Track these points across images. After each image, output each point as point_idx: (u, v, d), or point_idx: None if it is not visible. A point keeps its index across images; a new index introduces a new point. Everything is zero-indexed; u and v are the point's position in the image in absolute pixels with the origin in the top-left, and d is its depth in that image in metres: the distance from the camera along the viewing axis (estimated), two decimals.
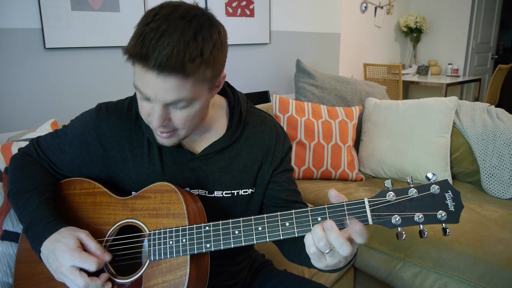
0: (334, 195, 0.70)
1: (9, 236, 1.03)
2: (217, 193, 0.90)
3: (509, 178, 1.76)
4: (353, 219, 0.67)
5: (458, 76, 4.72)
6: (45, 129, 1.32)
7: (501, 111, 1.96)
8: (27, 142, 1.20)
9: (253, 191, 0.93)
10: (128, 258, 0.85)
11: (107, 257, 0.78)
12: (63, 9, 1.93)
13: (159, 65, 0.66)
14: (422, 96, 2.62)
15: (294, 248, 0.89)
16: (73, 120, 0.94)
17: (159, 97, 0.71)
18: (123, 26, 2.14)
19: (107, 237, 0.85)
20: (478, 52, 5.07)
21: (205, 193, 0.90)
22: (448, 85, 4.21)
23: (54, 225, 0.79)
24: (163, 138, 0.80)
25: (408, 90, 5.22)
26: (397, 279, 1.51)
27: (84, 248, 0.77)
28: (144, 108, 0.76)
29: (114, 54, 2.17)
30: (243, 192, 0.92)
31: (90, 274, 0.76)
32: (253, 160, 0.92)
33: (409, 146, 1.94)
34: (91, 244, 0.78)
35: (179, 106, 0.74)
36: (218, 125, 0.91)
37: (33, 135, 1.29)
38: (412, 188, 0.67)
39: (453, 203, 0.66)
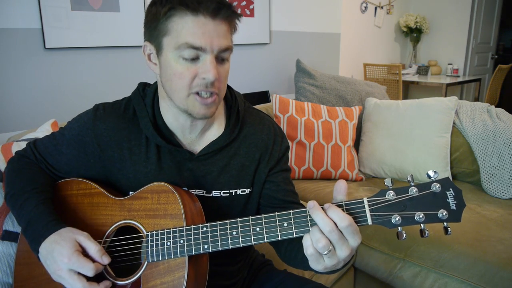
0: (343, 185, 0.67)
1: (9, 236, 1.03)
2: (215, 193, 0.90)
3: (509, 178, 1.76)
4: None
5: (458, 76, 4.72)
6: (45, 129, 1.32)
7: (501, 111, 1.95)
8: (27, 142, 1.21)
9: (251, 190, 0.93)
10: (127, 259, 0.85)
11: (106, 260, 0.77)
12: (63, 9, 1.93)
13: (216, 8, 0.73)
14: (422, 96, 2.62)
15: (291, 249, 0.88)
16: (70, 121, 0.94)
17: (214, 44, 0.75)
18: (123, 26, 2.14)
19: (105, 238, 0.84)
20: (478, 52, 5.06)
21: (203, 192, 0.90)
22: (448, 85, 4.21)
23: (53, 225, 0.79)
24: (206, 106, 0.80)
25: (408, 90, 5.22)
26: (397, 279, 1.51)
27: (83, 250, 0.77)
28: (189, 71, 0.76)
29: (114, 54, 2.17)
30: (241, 191, 0.92)
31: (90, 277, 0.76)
32: (251, 159, 0.92)
33: (409, 146, 1.94)
34: (91, 247, 0.77)
35: (225, 56, 0.79)
36: (216, 124, 0.91)
37: (33, 135, 1.29)
38: (413, 187, 0.65)
39: (455, 202, 0.64)
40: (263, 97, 2.96)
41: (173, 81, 0.78)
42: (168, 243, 0.77)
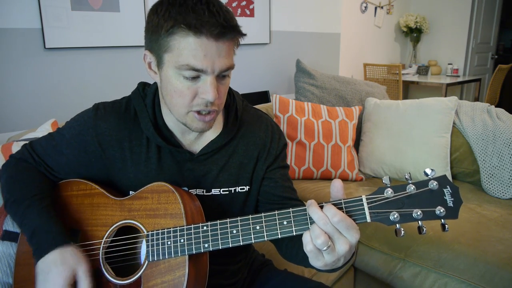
0: (338, 186, 0.69)
1: (9, 236, 1.03)
2: (215, 191, 0.91)
3: (509, 178, 1.76)
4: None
5: (458, 76, 4.72)
6: (45, 129, 1.32)
7: (501, 111, 1.95)
8: (22, 144, 1.20)
9: (250, 188, 0.93)
10: (127, 259, 0.85)
11: None
12: (63, 9, 1.93)
13: (220, 32, 0.71)
14: (422, 96, 2.62)
15: (292, 247, 0.89)
16: (68, 121, 0.93)
17: (216, 65, 0.74)
18: (123, 26, 2.14)
19: (105, 238, 0.84)
20: (478, 52, 5.06)
21: (203, 192, 0.90)
22: (448, 85, 4.21)
23: (58, 240, 0.79)
24: (204, 122, 0.80)
25: (408, 90, 5.22)
26: (397, 279, 1.51)
27: (76, 283, 0.77)
28: (189, 90, 0.76)
29: (114, 54, 2.17)
30: (240, 189, 0.92)
31: None
32: (249, 157, 0.92)
33: (409, 146, 1.94)
34: (83, 285, 0.77)
35: (226, 74, 0.78)
36: (215, 124, 0.91)
37: (33, 135, 1.29)
38: (410, 184, 0.66)
39: (452, 199, 0.65)
40: (263, 97, 2.96)
41: (173, 97, 0.78)
42: (169, 242, 0.77)
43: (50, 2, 1.87)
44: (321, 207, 0.67)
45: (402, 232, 0.67)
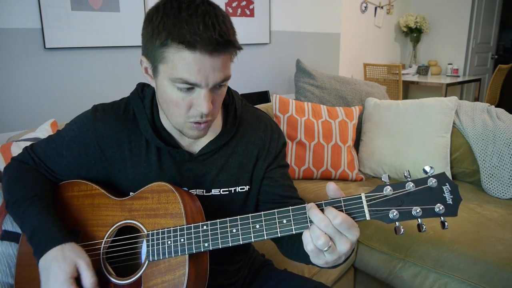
0: (333, 188, 0.69)
1: (9, 236, 1.03)
2: (215, 191, 0.91)
3: (509, 178, 1.76)
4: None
5: (458, 76, 4.72)
6: (44, 129, 1.32)
7: (501, 111, 1.95)
8: (26, 143, 1.20)
9: (250, 187, 0.93)
10: (127, 259, 0.85)
11: None
12: (63, 9, 1.93)
13: (214, 47, 0.69)
14: (422, 96, 2.62)
15: (292, 244, 0.89)
16: (68, 123, 0.93)
17: (210, 79, 0.73)
18: (123, 26, 2.14)
19: (106, 238, 0.84)
20: (478, 52, 5.06)
21: (203, 192, 0.90)
22: (448, 85, 4.21)
23: (58, 237, 0.79)
24: (199, 130, 0.80)
25: (408, 90, 5.22)
26: (397, 279, 1.51)
27: (79, 276, 0.77)
28: (184, 101, 0.75)
29: (114, 54, 2.17)
30: (240, 189, 0.92)
31: None
32: (249, 156, 0.92)
33: (409, 146, 1.94)
34: (86, 277, 0.76)
35: (221, 85, 0.77)
36: (214, 124, 0.91)
37: (33, 135, 1.29)
38: (410, 182, 0.66)
39: (451, 196, 0.66)
40: (263, 97, 2.96)
41: (169, 106, 0.78)
42: (169, 242, 0.77)
43: (50, 2, 1.87)
44: (322, 210, 0.67)
45: (402, 230, 0.67)
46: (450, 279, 1.38)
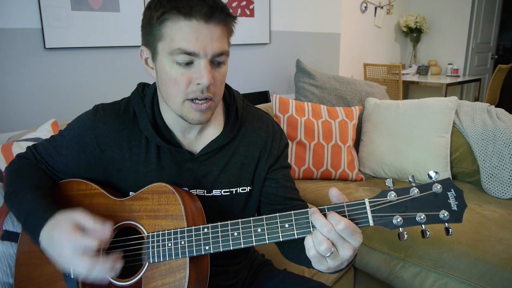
0: (336, 194, 0.68)
1: (9, 236, 1.03)
2: (216, 192, 0.90)
3: (509, 178, 1.76)
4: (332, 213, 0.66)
5: (458, 76, 4.72)
6: (45, 129, 1.32)
7: (501, 111, 1.95)
8: (27, 142, 1.21)
9: (251, 188, 0.93)
10: (127, 260, 0.85)
11: (107, 231, 0.74)
12: (63, 9, 1.93)
13: (208, 12, 0.72)
14: (422, 96, 2.62)
15: (293, 248, 0.88)
16: (70, 123, 0.94)
17: (208, 48, 0.74)
18: (123, 26, 2.14)
19: None
20: (478, 52, 5.06)
21: (204, 192, 0.90)
22: (448, 85, 4.21)
23: (48, 211, 0.78)
24: (201, 112, 0.79)
25: (408, 90, 5.21)
26: (397, 279, 1.51)
27: (82, 227, 0.75)
28: (183, 77, 0.75)
29: (114, 54, 2.17)
30: (241, 190, 0.92)
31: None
32: (251, 157, 0.92)
33: (409, 146, 1.94)
34: (87, 222, 0.75)
35: (221, 60, 0.77)
36: (215, 123, 0.91)
37: (33, 135, 1.29)
38: (414, 188, 0.65)
39: (456, 202, 0.64)
40: (263, 97, 2.96)
41: (168, 86, 0.78)
42: (169, 244, 0.77)
43: (50, 2, 1.87)
44: (324, 215, 0.66)
45: (406, 236, 0.66)
46: (450, 279, 1.38)
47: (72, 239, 0.72)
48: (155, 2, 0.75)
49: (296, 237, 0.70)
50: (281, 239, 0.70)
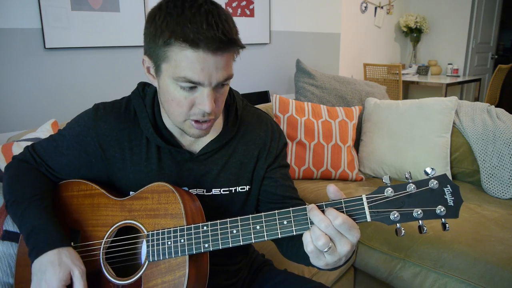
0: (333, 190, 0.69)
1: (10, 236, 1.03)
2: (215, 191, 0.91)
3: (509, 178, 1.76)
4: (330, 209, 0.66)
5: (458, 76, 4.72)
6: (45, 129, 1.32)
7: (501, 111, 1.96)
8: (27, 142, 1.21)
9: (250, 187, 0.93)
10: (127, 259, 0.85)
11: None
12: (63, 9, 1.93)
13: (217, 46, 0.69)
14: (422, 96, 2.62)
15: (292, 246, 0.89)
16: (69, 122, 0.94)
17: (213, 78, 0.73)
18: (123, 26, 2.14)
19: (106, 238, 0.84)
20: (478, 52, 5.06)
21: (203, 191, 0.90)
22: (448, 85, 4.21)
23: (56, 240, 0.79)
24: (202, 130, 0.80)
25: (408, 90, 5.22)
26: (397, 279, 1.51)
27: (71, 285, 0.77)
28: (186, 100, 0.75)
29: (114, 54, 2.17)
30: (241, 189, 0.92)
31: None
32: (250, 156, 0.92)
33: (409, 146, 1.94)
34: (79, 286, 0.76)
35: (224, 84, 0.77)
36: (215, 123, 0.91)
37: (33, 135, 1.29)
38: (411, 184, 0.66)
39: (452, 198, 0.66)
40: (263, 97, 2.96)
41: (171, 105, 0.78)
42: (169, 243, 0.77)
43: (50, 2, 1.87)
44: (322, 211, 0.67)
45: (403, 231, 0.67)
46: (450, 279, 1.38)
47: None
48: (160, 19, 0.72)
49: (294, 233, 0.70)
50: (279, 236, 0.71)
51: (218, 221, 0.75)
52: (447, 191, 0.66)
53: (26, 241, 0.81)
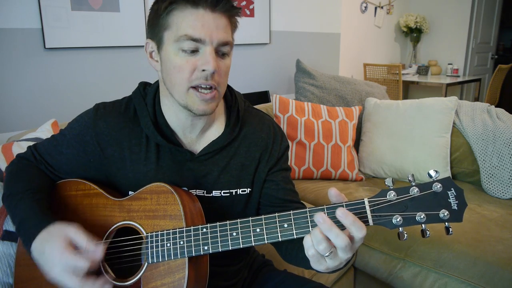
0: (335, 194, 0.68)
1: (10, 236, 1.03)
2: (215, 193, 0.90)
3: (509, 178, 1.76)
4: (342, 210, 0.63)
5: (458, 76, 4.71)
6: (45, 129, 1.32)
7: (501, 111, 1.95)
8: (27, 142, 1.21)
9: (251, 190, 0.93)
10: (126, 260, 0.85)
11: (99, 253, 0.73)
12: (63, 9, 1.93)
13: (214, 1, 0.75)
14: (422, 96, 2.62)
15: (291, 249, 0.88)
16: (71, 122, 0.94)
17: (213, 36, 0.76)
18: (123, 26, 2.14)
19: (105, 239, 0.84)
20: (478, 52, 5.06)
21: (203, 193, 0.90)
22: (448, 85, 4.21)
23: (42, 221, 0.78)
24: (206, 102, 0.80)
25: (408, 90, 5.21)
26: (397, 279, 1.51)
27: (75, 245, 0.75)
28: (188, 64, 0.77)
29: (114, 54, 2.17)
30: (241, 191, 0.92)
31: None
32: (251, 158, 0.92)
33: (409, 146, 1.94)
34: (81, 241, 0.74)
35: (225, 51, 0.80)
36: (217, 124, 0.91)
37: (33, 135, 1.29)
38: (414, 187, 0.65)
39: (456, 202, 0.64)
40: (263, 97, 2.95)
41: (173, 74, 0.79)
42: (168, 244, 0.77)
43: (50, 2, 1.87)
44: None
45: (405, 235, 0.65)
46: (450, 279, 1.38)
47: (63, 257, 0.71)
48: None
49: (295, 236, 0.69)
50: (280, 239, 0.70)
51: (218, 223, 0.75)
52: (451, 195, 0.64)
53: (17, 233, 0.80)
